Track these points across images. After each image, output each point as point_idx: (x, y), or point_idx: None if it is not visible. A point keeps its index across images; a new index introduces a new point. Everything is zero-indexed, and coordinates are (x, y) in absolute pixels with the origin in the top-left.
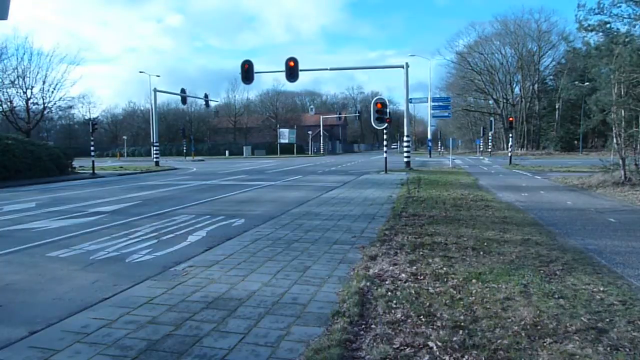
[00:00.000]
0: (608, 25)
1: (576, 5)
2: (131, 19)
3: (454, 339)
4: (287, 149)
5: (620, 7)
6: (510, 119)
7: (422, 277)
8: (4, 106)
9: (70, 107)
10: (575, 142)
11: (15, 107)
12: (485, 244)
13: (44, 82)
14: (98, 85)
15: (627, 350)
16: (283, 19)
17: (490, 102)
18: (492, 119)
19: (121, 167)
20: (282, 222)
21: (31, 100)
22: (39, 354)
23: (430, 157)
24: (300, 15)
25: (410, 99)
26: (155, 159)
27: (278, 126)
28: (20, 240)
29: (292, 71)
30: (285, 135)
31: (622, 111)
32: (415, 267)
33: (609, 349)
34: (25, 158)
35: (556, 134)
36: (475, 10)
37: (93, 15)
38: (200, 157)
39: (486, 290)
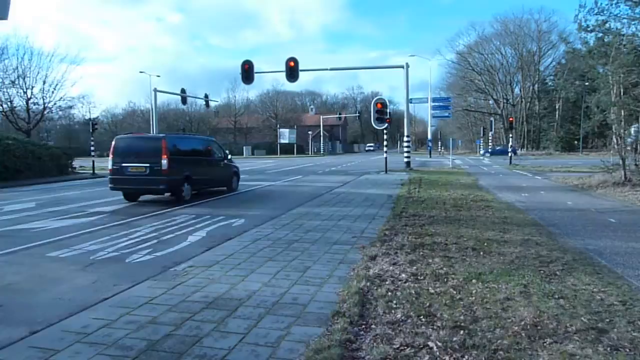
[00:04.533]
0: (607, 25)
1: (576, 5)
2: (131, 18)
3: (454, 339)
4: (287, 149)
5: (619, 7)
6: (511, 119)
7: (422, 277)
8: (4, 106)
9: (71, 107)
10: (576, 142)
11: (15, 107)
12: (486, 244)
13: (44, 82)
14: (98, 85)
15: (627, 350)
16: (284, 17)
17: (491, 102)
18: (492, 119)
19: None
20: (282, 222)
21: (31, 100)
22: (39, 354)
23: (430, 157)
24: (302, 13)
25: (411, 99)
26: None
27: (278, 126)
28: (20, 240)
29: (292, 71)
30: (286, 136)
31: (622, 111)
32: (415, 267)
33: (609, 349)
34: (26, 158)
35: (556, 134)
36: (478, 9)
37: (93, 13)
38: None
39: (486, 290)
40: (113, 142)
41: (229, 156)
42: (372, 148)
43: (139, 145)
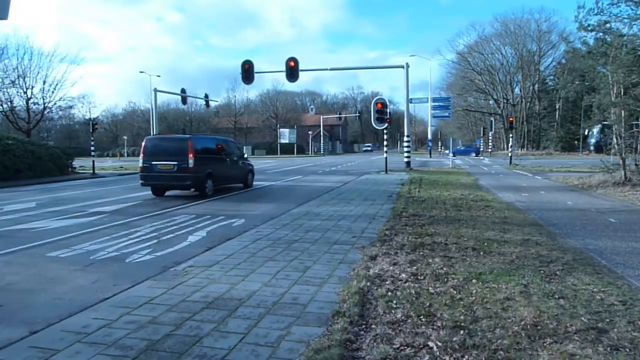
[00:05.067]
0: (607, 25)
1: (576, 5)
2: (131, 17)
3: (454, 339)
4: (287, 149)
5: (619, 7)
6: (511, 119)
7: (422, 277)
8: (5, 106)
9: (71, 107)
10: (576, 142)
11: (15, 107)
12: (486, 244)
13: (44, 82)
14: (98, 85)
15: (627, 350)
16: (285, 16)
17: (491, 102)
18: (492, 119)
19: (121, 167)
20: (282, 222)
21: (31, 100)
22: (39, 354)
23: (430, 157)
24: (303, 12)
25: (411, 99)
26: None
27: (278, 126)
28: (20, 240)
29: (292, 71)
30: (286, 135)
31: (622, 111)
32: (415, 267)
33: (609, 349)
34: (26, 158)
35: (556, 134)
36: (478, 9)
37: (93, 13)
38: None
39: (486, 290)
40: (143, 142)
41: (245, 155)
42: (369, 148)
43: (167, 145)
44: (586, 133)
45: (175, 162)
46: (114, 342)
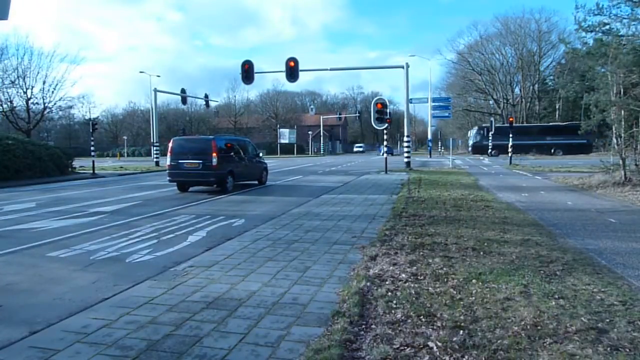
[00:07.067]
0: (607, 26)
1: (575, 5)
2: (131, 17)
3: (454, 339)
4: (287, 149)
5: (619, 7)
6: (511, 119)
7: (422, 277)
8: (5, 106)
9: (71, 107)
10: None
11: (15, 107)
12: (486, 244)
13: (44, 82)
14: (98, 85)
15: (627, 350)
16: (286, 15)
17: (491, 102)
18: (492, 119)
19: (121, 167)
20: (282, 222)
21: (31, 100)
22: (39, 354)
23: (430, 157)
24: (304, 11)
25: (411, 99)
26: (155, 159)
27: (278, 126)
28: (20, 240)
29: (292, 71)
30: (286, 135)
31: (622, 111)
32: (415, 267)
33: (609, 349)
34: (26, 158)
35: None
36: (479, 9)
37: (93, 12)
38: None
39: (486, 290)
40: (170, 143)
41: (260, 154)
42: (361, 149)
43: (193, 145)
44: (469, 135)
45: (200, 161)
46: (114, 342)
